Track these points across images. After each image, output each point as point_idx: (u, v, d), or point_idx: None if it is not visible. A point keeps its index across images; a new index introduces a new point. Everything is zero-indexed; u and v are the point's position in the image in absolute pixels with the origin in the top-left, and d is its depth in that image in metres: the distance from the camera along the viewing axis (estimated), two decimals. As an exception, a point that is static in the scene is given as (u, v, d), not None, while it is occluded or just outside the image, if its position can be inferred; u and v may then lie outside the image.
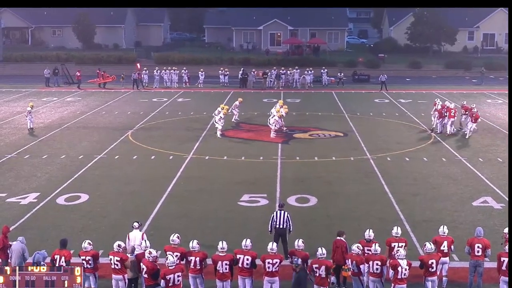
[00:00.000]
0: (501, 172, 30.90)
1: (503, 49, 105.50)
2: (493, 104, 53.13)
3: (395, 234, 18.10)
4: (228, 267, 16.59)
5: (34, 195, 26.66)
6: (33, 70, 72.79)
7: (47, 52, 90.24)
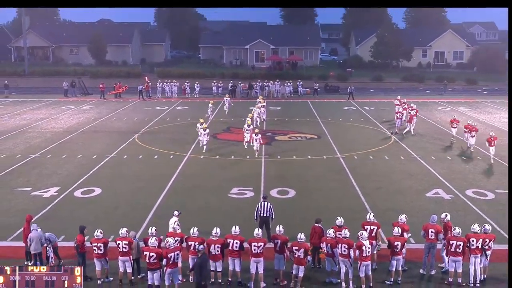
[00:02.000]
0: (450, 169, 31.04)
1: (452, 65, 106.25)
2: (442, 110, 53.38)
3: (368, 219, 18.31)
4: (219, 249, 16.66)
5: (54, 189, 26.57)
6: (54, 83, 72.54)
7: (66, 67, 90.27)
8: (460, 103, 59.99)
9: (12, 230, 21.02)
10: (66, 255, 18.30)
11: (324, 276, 17.35)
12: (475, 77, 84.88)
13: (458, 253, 16.80)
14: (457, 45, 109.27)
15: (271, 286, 16.84)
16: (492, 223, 21.29)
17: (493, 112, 53.51)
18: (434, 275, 17.63)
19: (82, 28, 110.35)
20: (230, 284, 16.85)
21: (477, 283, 16.89)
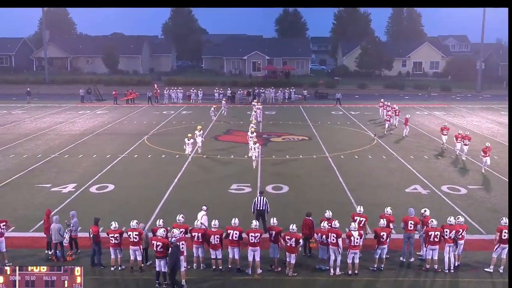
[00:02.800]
0: (427, 166, 31.09)
1: (428, 74, 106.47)
2: (421, 115, 53.47)
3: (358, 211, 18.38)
4: (218, 239, 16.72)
5: (72, 185, 26.55)
6: (71, 90, 72.70)
7: (82, 76, 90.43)
8: (436, 108, 60.11)
9: (33, 222, 21.04)
10: (83, 245, 18.28)
11: (315, 263, 17.40)
12: (449, 85, 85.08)
13: (435, 242, 16.88)
14: (433, 56, 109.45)
15: (267, 272, 16.86)
16: (465, 215, 21.35)
17: (466, 116, 53.60)
18: (413, 262, 17.68)
19: (96, 40, 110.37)
20: (230, 270, 16.87)
21: (451, 269, 16.94)
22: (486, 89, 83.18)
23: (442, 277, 16.68)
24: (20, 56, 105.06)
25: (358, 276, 16.56)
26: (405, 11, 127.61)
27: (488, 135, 41.92)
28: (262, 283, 16.30)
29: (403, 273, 17.03)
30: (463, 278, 16.60)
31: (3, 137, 39.88)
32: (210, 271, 16.88)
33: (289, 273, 16.66)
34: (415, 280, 16.50)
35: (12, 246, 18.28)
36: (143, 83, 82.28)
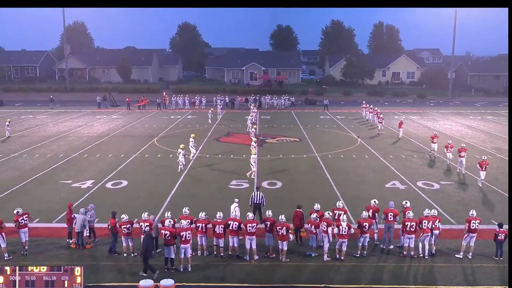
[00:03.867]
0: (404, 165, 31.11)
1: (405, 83, 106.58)
2: (399, 119, 53.40)
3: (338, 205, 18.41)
4: (222, 229, 16.74)
5: (90, 181, 26.52)
6: (89, 97, 72.30)
7: (99, 85, 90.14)
8: (412, 113, 60.15)
9: (56, 214, 21.03)
10: (100, 234, 18.30)
11: (305, 250, 17.43)
12: (424, 92, 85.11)
13: (412, 231, 16.96)
14: (409, 67, 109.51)
15: (263, 258, 16.89)
16: (438, 207, 21.44)
17: (438, 120, 53.66)
18: (392, 250, 17.72)
19: (111, 53, 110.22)
20: (230, 257, 16.90)
21: (426, 256, 17.00)
22: (456, 96, 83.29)
23: (418, 262, 16.72)
24: (44, 67, 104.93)
25: (344, 262, 16.60)
26: (385, 27, 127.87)
27: (459, 136, 41.99)
28: (258, 268, 16.31)
29: (383, 259, 17.07)
30: (436, 263, 16.65)
31: (29, 139, 39.78)
32: (213, 257, 16.90)
33: (283, 259, 16.70)
34: (394, 265, 16.54)
35: (37, 235, 18.30)
36: (153, 91, 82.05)
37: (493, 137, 42.00)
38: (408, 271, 16.09)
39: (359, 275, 15.73)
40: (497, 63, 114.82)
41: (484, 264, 16.53)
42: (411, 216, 17.12)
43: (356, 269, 16.17)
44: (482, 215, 19.92)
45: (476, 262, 16.64)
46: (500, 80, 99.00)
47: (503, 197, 23.98)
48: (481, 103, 75.06)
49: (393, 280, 15.46)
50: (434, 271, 16.05)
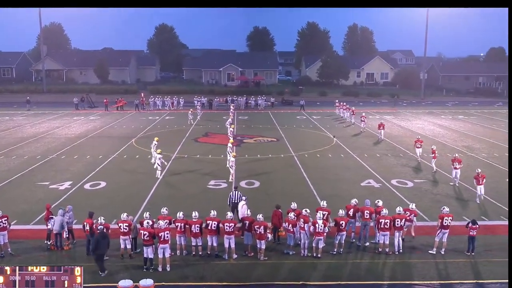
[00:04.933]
0: (379, 163, 31.42)
1: (379, 83, 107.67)
2: (373, 119, 53.96)
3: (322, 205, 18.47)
4: (198, 228, 16.74)
5: (68, 183, 26.18)
6: (66, 99, 71.33)
7: (76, 86, 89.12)
8: (386, 112, 60.77)
9: (34, 216, 20.71)
10: (78, 235, 18.06)
11: (283, 248, 17.47)
12: (397, 93, 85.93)
13: (386, 228, 17.14)
14: (383, 68, 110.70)
15: (241, 257, 16.88)
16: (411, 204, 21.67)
17: (411, 120, 54.32)
18: (368, 246, 17.87)
19: (89, 54, 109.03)
20: (209, 256, 16.85)
21: (400, 251, 17.19)
22: (428, 96, 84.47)
23: (393, 258, 16.91)
24: (20, 68, 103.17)
25: (321, 259, 16.69)
26: (359, 29, 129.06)
27: (431, 135, 42.59)
28: (237, 266, 16.30)
29: (359, 256, 17.21)
30: (410, 259, 16.85)
31: (5, 140, 39.08)
32: (192, 257, 16.84)
33: (261, 257, 16.71)
34: (370, 262, 16.69)
35: (15, 237, 17.99)
36: (131, 92, 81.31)
37: (464, 136, 42.70)
38: (383, 267, 16.25)
39: (336, 272, 15.83)
40: (467, 64, 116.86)
41: (456, 259, 16.78)
42: (385, 213, 17.32)
43: (333, 266, 16.28)
44: (454, 211, 20.22)
45: (448, 258, 16.88)
46: (470, 80, 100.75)
47: (474, 194, 24.37)
48: (452, 103, 76.24)
49: (369, 276, 15.60)
50: (408, 267, 16.23)
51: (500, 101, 78.44)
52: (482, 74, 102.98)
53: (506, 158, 33.29)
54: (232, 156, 27.07)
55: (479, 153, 34.90)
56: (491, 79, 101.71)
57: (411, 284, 15.13)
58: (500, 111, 63.54)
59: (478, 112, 62.41)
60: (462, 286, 14.97)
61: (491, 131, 45.56)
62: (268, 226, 17.17)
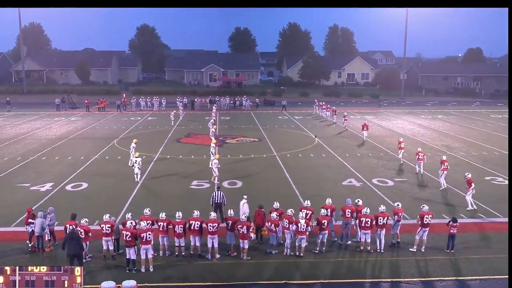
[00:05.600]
0: (360, 163, 31.62)
1: (360, 83, 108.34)
2: (354, 119, 54.34)
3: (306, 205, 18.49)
4: (182, 229, 16.65)
5: (49, 184, 25.87)
6: (47, 100, 70.68)
7: (57, 87, 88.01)
8: (367, 112, 61.19)
9: (15, 218, 20.40)
10: (60, 237, 17.84)
11: (266, 248, 17.48)
12: (378, 93, 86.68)
13: (367, 227, 17.24)
14: (364, 68, 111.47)
15: (224, 257, 16.84)
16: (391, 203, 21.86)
17: (392, 120, 54.80)
18: (349, 245, 17.96)
19: (70, 55, 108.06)
20: (192, 256, 16.79)
21: (382, 250, 17.32)
22: (408, 96, 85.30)
23: (374, 257, 17.02)
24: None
25: (304, 258, 16.73)
26: (340, 29, 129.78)
27: (410, 135, 43.01)
28: (220, 266, 16.26)
29: (341, 254, 17.29)
30: (391, 257, 16.98)
31: (-15, 142, 38.52)
32: (175, 257, 16.76)
33: (244, 257, 16.69)
34: (351, 260, 16.78)
35: (-5, 240, 17.73)
36: (112, 92, 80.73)
37: (443, 135, 43.21)
38: (365, 265, 16.35)
39: (319, 271, 15.88)
40: (445, 64, 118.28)
41: (436, 257, 16.96)
42: (366, 212, 17.43)
43: (315, 265, 16.32)
44: (434, 209, 20.44)
45: (429, 255, 17.05)
46: (449, 80, 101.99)
47: (454, 192, 24.66)
48: (431, 102, 77.07)
49: (350, 274, 15.67)
50: (389, 265, 16.36)
51: (478, 101, 79.55)
52: (460, 74, 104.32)
53: (483, 156, 33.81)
54: (216, 158, 26.82)
55: (457, 152, 35.35)
56: (469, 79, 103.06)
57: (392, 281, 15.25)
58: (477, 111, 64.44)
59: (457, 111, 63.20)
60: (442, 284, 15.13)
61: (469, 130, 46.18)
62: (251, 226, 17.17)
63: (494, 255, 17.02)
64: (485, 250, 17.61)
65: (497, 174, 28.79)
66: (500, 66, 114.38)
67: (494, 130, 46.41)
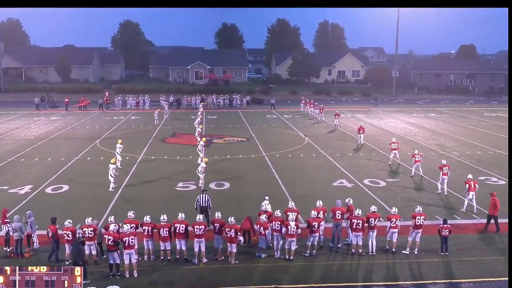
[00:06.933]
0: (351, 163, 31.74)
1: (351, 81, 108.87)
2: (345, 117, 54.52)
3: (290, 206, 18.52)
4: (167, 232, 16.60)
5: (28, 186, 25.65)
6: (26, 98, 70.10)
7: (36, 85, 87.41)
8: (358, 111, 61.50)
9: (-8, 222, 20.17)
10: (40, 241, 17.71)
11: (255, 251, 17.48)
12: (369, 90, 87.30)
13: (359, 229, 17.30)
14: (355, 65, 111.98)
15: (212, 261, 16.81)
16: (384, 204, 22.01)
17: (383, 118, 55.09)
18: (341, 248, 18.03)
19: (49, 52, 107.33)
20: (178, 260, 16.74)
21: (374, 252, 17.40)
22: (400, 94, 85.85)
23: (366, 259, 17.09)
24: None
25: (294, 261, 16.76)
26: (330, 25, 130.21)
27: (403, 134, 43.26)
28: (207, 271, 16.23)
29: (332, 257, 17.34)
30: (383, 260, 17.06)
31: (-40, 142, 38.10)
32: (160, 262, 16.70)
33: (232, 261, 16.68)
34: (343, 263, 16.83)
35: (-29, 245, 17.54)
36: (94, 91, 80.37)
37: (436, 135, 43.52)
38: (356, 269, 16.41)
39: (309, 275, 15.92)
40: (438, 61, 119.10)
41: (429, 259, 17.07)
42: (358, 213, 17.48)
43: (305, 269, 16.36)
44: (427, 211, 20.59)
45: (422, 258, 17.17)
46: (441, 78, 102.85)
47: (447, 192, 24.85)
48: (424, 101, 77.63)
49: (342, 278, 15.72)
50: (382, 268, 16.44)
51: (471, 99, 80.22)
52: (453, 71, 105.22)
53: (477, 156, 34.11)
54: (204, 162, 25.93)
55: (451, 152, 35.62)
56: (462, 77, 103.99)
57: (385, 285, 15.32)
58: (471, 109, 64.99)
59: (450, 110, 63.70)
60: (436, 286, 15.24)
61: (463, 129, 46.56)
62: (239, 229, 17.15)
63: (488, 257, 17.20)
64: (479, 252, 17.77)
65: (491, 174, 29.05)
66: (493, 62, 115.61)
67: (488, 129, 46.85)
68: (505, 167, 30.34)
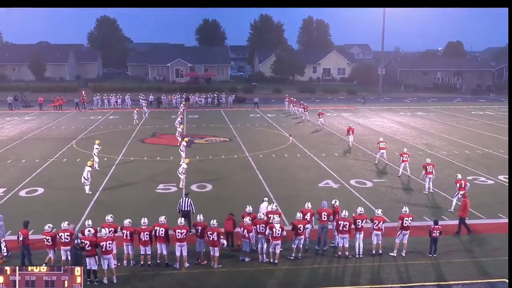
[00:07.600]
0: (337, 163, 31.87)
1: (336, 79, 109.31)
2: (330, 116, 54.74)
3: (270, 208, 18.52)
4: (148, 236, 16.50)
5: (1, 190, 25.29)
6: (-2, 97, 69.24)
7: (9, 83, 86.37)
8: (343, 110, 61.82)
9: (-38, 227, 19.86)
10: (12, 247, 17.47)
11: (238, 255, 17.45)
12: (355, 89, 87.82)
13: (345, 231, 17.36)
14: (340, 63, 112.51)
15: (194, 265, 16.75)
16: (371, 206, 22.12)
17: (369, 117, 55.43)
18: (327, 250, 18.08)
19: (23, 49, 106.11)
20: (159, 265, 16.65)
21: (360, 255, 17.47)
22: (386, 92, 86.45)
23: (353, 262, 17.16)
24: None
25: (279, 265, 16.76)
26: (315, 22, 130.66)
27: (390, 133, 43.58)
28: (189, 276, 16.17)
29: (318, 261, 17.37)
30: (370, 262, 17.15)
31: None
32: (140, 267, 16.59)
33: (214, 265, 16.64)
34: (329, 266, 16.88)
35: None
36: (70, 89, 79.67)
37: (424, 133, 43.91)
38: (343, 272, 16.47)
39: (295, 278, 15.94)
40: (425, 58, 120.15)
41: (417, 261, 17.20)
42: (345, 215, 17.53)
43: (291, 272, 16.37)
44: (414, 211, 20.75)
45: (409, 260, 17.29)
46: (428, 75, 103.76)
47: (435, 193, 25.07)
48: (410, 99, 78.30)
49: (328, 281, 15.76)
50: (369, 271, 16.52)
51: (459, 97, 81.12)
52: (440, 69, 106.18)
53: (465, 155, 34.47)
54: (186, 163, 26.33)
55: (439, 151, 35.96)
56: (449, 74, 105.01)
57: (372, 288, 15.42)
58: (458, 107, 65.72)
59: (437, 108, 64.34)
60: (424, 289, 15.37)
61: (451, 128, 47.05)
62: (221, 232, 17.11)
63: (477, 258, 17.38)
64: (467, 253, 17.95)
65: (479, 173, 29.37)
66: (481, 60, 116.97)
67: (477, 128, 47.41)
68: (493, 166, 30.76)
